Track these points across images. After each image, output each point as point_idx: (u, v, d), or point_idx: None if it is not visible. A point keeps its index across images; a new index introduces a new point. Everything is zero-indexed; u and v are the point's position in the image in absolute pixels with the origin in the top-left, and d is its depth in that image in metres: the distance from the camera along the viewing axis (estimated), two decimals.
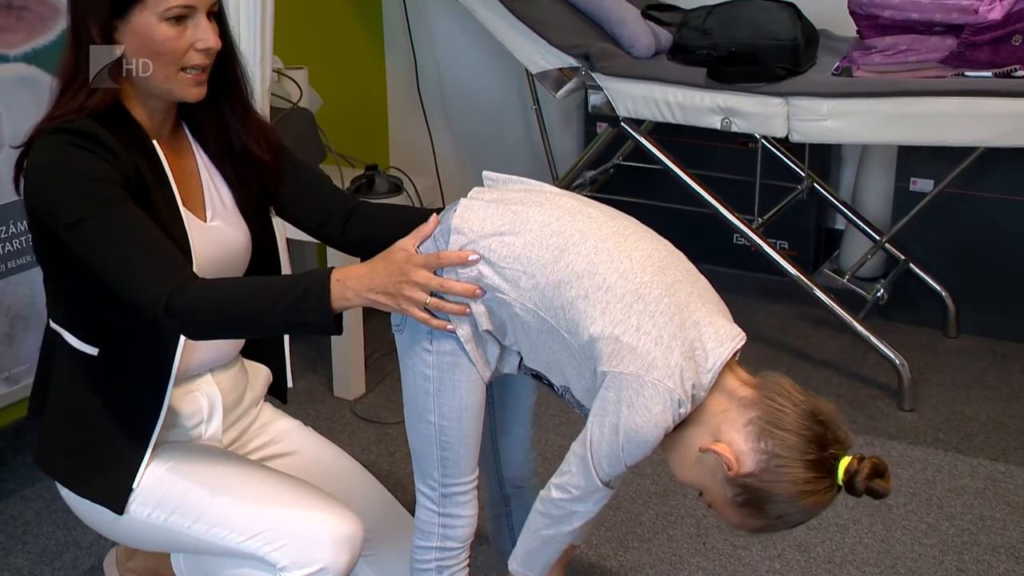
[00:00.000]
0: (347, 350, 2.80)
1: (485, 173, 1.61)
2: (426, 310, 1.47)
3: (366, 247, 1.77)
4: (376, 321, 2.90)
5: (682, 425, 1.43)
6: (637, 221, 1.55)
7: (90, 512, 1.68)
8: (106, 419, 1.61)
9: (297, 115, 2.73)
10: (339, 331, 1.49)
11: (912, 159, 3.06)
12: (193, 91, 1.56)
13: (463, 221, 1.50)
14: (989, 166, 2.92)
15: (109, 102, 1.53)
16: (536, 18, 2.84)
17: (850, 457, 1.39)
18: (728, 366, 1.44)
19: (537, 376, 1.57)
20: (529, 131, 3.60)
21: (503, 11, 2.85)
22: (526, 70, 3.00)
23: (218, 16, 1.58)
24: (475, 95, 3.68)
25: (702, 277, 1.52)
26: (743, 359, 1.49)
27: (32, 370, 2.27)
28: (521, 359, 1.55)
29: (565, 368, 1.49)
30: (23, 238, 2.23)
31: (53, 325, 1.63)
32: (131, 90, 1.56)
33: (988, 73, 2.50)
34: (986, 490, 2.42)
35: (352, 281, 1.45)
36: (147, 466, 1.61)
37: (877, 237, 3.11)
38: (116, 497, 1.62)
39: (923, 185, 3.03)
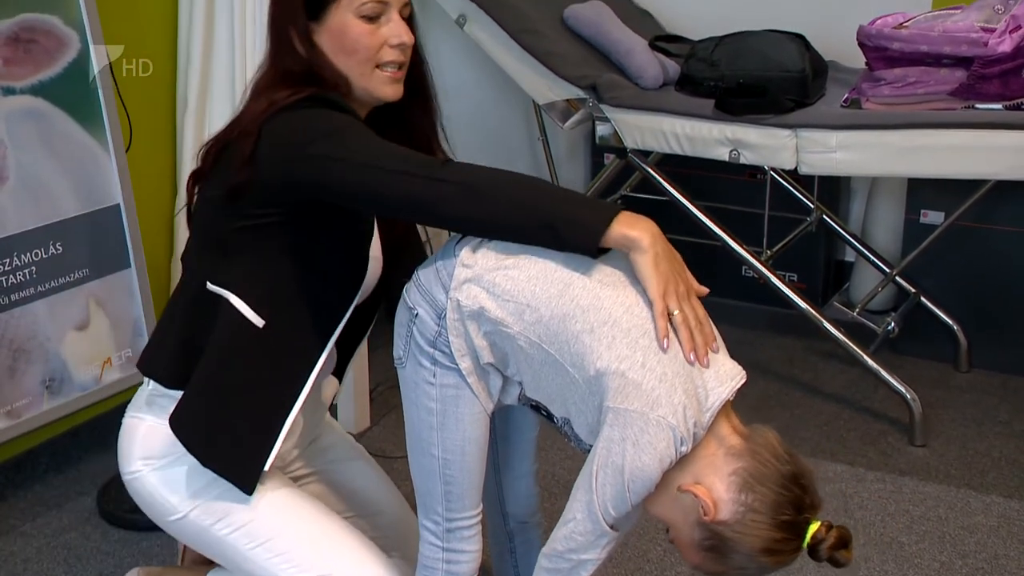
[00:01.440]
0: (352, 383, 2.77)
1: None
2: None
3: None
4: (381, 353, 2.87)
5: None
6: None
7: (157, 496, 1.66)
8: (253, 393, 1.61)
9: None
10: (595, 252, 1.43)
11: (922, 191, 3.04)
12: (389, 88, 1.60)
13: (468, 255, 1.49)
14: (1000, 199, 2.90)
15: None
16: (544, 50, 2.84)
17: (819, 523, 1.40)
18: (723, 409, 1.44)
19: (536, 407, 1.56)
20: (536, 162, 3.59)
21: (511, 43, 2.86)
22: (533, 101, 2.99)
23: (410, 21, 1.62)
24: (481, 126, 3.67)
25: None
26: (749, 393, 1.47)
27: (34, 403, 2.27)
28: (522, 389, 1.54)
29: (567, 401, 1.48)
30: (26, 270, 2.22)
31: (214, 288, 1.61)
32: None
33: (998, 106, 2.48)
34: (1000, 528, 2.38)
35: (645, 221, 1.43)
36: (278, 450, 1.61)
37: (887, 270, 3.09)
38: (245, 477, 1.61)
39: (933, 217, 3.01)
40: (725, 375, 1.43)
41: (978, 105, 2.51)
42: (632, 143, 2.79)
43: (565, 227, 1.42)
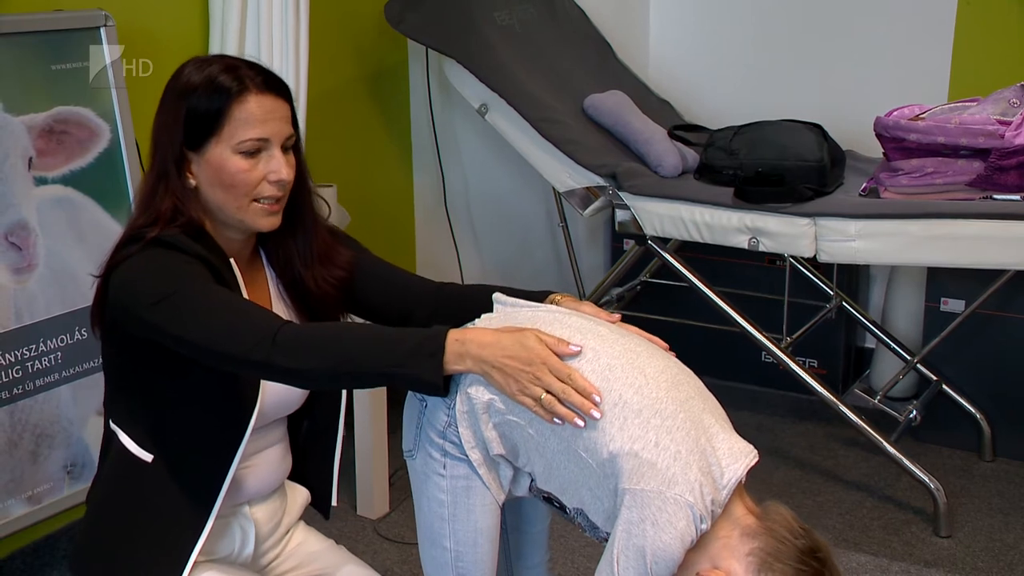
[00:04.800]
0: (371, 468, 2.77)
1: (495, 296, 1.62)
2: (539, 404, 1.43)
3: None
4: (399, 438, 2.87)
5: None
6: (646, 340, 1.55)
7: None
8: (149, 528, 1.59)
9: None
10: (445, 392, 1.45)
11: (942, 279, 3.05)
12: (265, 220, 1.57)
13: None
14: (1021, 287, 2.90)
15: (190, 231, 1.55)
16: (564, 138, 2.88)
17: None
18: (737, 490, 1.44)
19: (548, 499, 1.55)
20: (556, 248, 3.62)
21: (531, 131, 2.90)
22: (553, 188, 3.03)
23: (295, 149, 1.60)
24: (502, 212, 3.71)
25: (711, 394, 1.53)
26: (771, 479, 1.47)
27: (55, 488, 2.28)
28: (532, 481, 1.54)
29: (581, 489, 1.48)
30: (51, 356, 2.25)
31: (112, 425, 1.62)
32: (209, 220, 1.58)
33: (1017, 196, 2.50)
34: None
35: (473, 346, 1.42)
36: None
37: (908, 357, 3.07)
38: None
39: (954, 305, 3.01)
40: (738, 452, 1.44)
41: (996, 196, 2.52)
42: (651, 230, 2.81)
43: (404, 382, 1.44)
